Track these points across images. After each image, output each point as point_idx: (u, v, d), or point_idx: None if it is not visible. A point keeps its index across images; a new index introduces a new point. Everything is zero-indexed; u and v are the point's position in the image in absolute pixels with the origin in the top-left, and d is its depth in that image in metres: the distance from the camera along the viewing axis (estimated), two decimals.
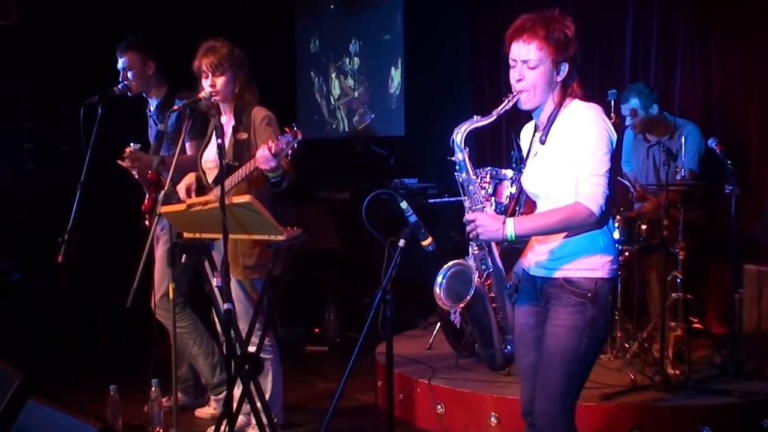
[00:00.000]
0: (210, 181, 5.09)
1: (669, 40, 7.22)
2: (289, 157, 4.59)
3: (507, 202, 5.93)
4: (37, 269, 8.10)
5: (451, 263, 3.81)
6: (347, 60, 10.07)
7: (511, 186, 5.93)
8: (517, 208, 5.80)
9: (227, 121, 5.10)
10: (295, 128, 4.47)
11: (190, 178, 5.08)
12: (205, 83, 4.97)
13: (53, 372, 5.38)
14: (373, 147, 9.12)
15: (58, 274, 5.01)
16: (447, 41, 8.96)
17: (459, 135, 3.59)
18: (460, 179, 3.66)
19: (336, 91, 10.25)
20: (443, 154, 4.05)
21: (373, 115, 9.77)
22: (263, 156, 4.49)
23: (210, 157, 5.09)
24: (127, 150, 5.45)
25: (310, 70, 10.59)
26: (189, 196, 4.96)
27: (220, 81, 4.97)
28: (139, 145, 5.51)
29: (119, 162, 5.50)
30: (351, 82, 10.05)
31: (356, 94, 10.00)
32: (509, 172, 5.98)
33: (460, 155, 3.63)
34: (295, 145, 4.47)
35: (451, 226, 7.67)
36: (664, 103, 6.59)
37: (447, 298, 3.77)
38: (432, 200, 8.27)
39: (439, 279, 3.79)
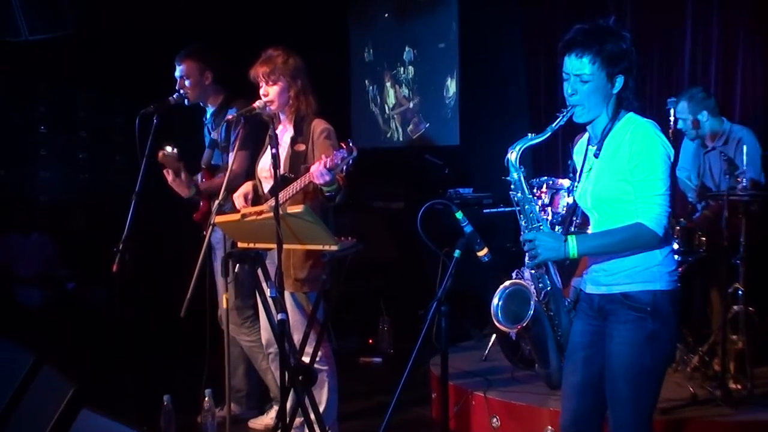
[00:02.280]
0: (266, 190, 5.12)
1: (729, 47, 7.14)
2: (344, 173, 4.60)
3: (564, 212, 5.91)
4: (91, 278, 8.20)
5: (507, 283, 3.79)
6: (401, 69, 10.08)
7: (568, 196, 5.91)
8: (574, 219, 5.77)
9: (284, 131, 5.13)
10: (351, 144, 4.48)
11: (246, 187, 5.13)
12: (261, 92, 5.03)
13: (107, 381, 5.43)
14: (428, 156, 9.10)
15: (112, 284, 5.05)
16: (503, 49, 8.94)
17: (514, 154, 3.59)
18: (516, 198, 3.65)
19: (391, 100, 10.25)
20: (499, 163, 4.04)
21: (427, 125, 9.77)
22: (318, 171, 4.52)
23: (265, 166, 5.12)
24: (160, 153, 5.48)
25: (364, 78, 10.61)
26: (245, 204, 5.00)
27: (273, 90, 5.02)
28: (175, 149, 5.53)
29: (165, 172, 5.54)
30: (406, 91, 10.05)
31: (410, 103, 10.00)
32: (566, 182, 5.96)
33: (516, 174, 3.63)
34: (351, 161, 4.48)
35: (506, 237, 7.62)
36: (724, 111, 6.50)
37: (504, 319, 3.75)
38: (487, 210, 8.23)
39: (496, 301, 3.77)
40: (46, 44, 7.09)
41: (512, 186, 3.65)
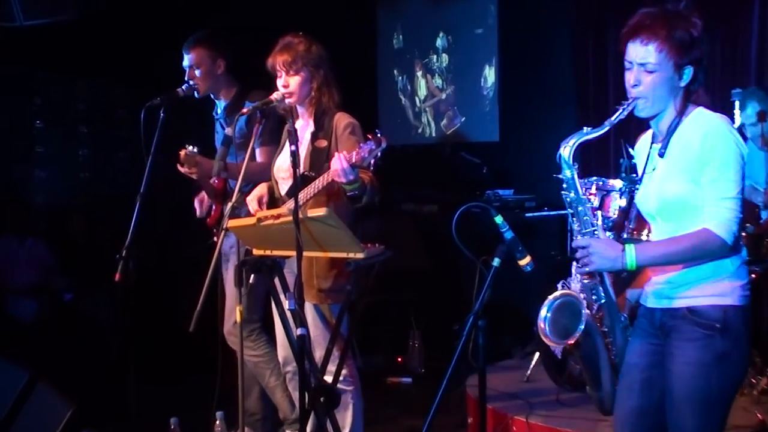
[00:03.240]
0: (283, 192, 5.10)
1: None
2: (372, 167, 4.57)
3: (615, 216, 5.88)
4: (91, 288, 8.23)
5: (557, 294, 3.77)
6: (434, 57, 10.07)
7: (620, 198, 5.88)
8: (627, 224, 5.75)
9: (304, 126, 5.13)
10: (379, 135, 4.44)
11: (261, 189, 5.11)
12: (279, 83, 5.00)
13: (108, 402, 5.45)
14: (464, 154, 9.10)
15: (114, 294, 5.06)
16: (547, 35, 8.91)
17: (567, 150, 3.56)
18: (568, 199, 3.62)
19: (422, 91, 10.25)
20: (542, 161, 4.06)
21: (463, 119, 9.75)
22: (340, 168, 4.47)
23: (283, 165, 5.10)
24: (182, 152, 5.44)
25: (393, 68, 10.60)
26: (260, 208, 4.99)
27: (294, 81, 4.99)
28: (196, 148, 5.48)
29: (179, 168, 5.52)
30: (439, 82, 10.04)
31: (444, 95, 9.99)
32: (618, 183, 5.93)
33: (569, 172, 3.59)
34: (379, 154, 4.45)
35: (551, 244, 7.63)
36: None
37: (553, 334, 3.73)
38: (530, 214, 8.22)
39: (544, 312, 3.74)
40: (43, 30, 7.14)
41: (564, 185, 3.62)
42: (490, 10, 9.33)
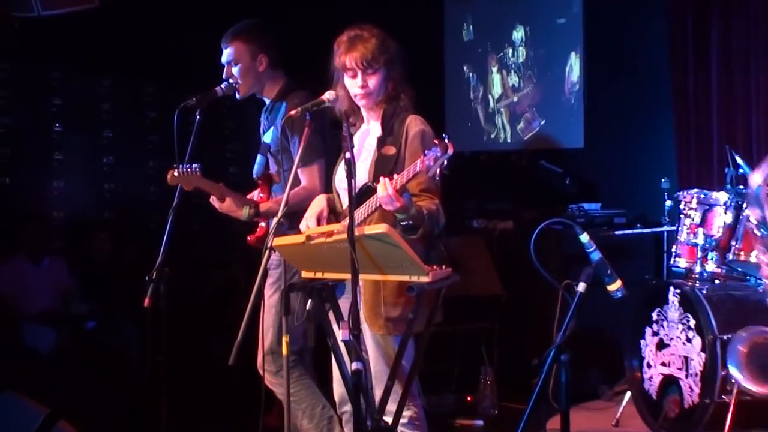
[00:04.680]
0: (345, 206, 4.98)
1: None
2: (438, 178, 4.51)
3: (719, 234, 5.82)
4: (117, 315, 8.29)
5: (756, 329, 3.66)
6: (510, 51, 10.06)
7: (725, 213, 5.83)
8: (733, 243, 5.70)
9: (367, 130, 5.05)
10: (446, 140, 4.38)
11: (320, 203, 5.01)
12: (351, 83, 4.88)
13: None
14: (544, 162, 9.09)
15: (143, 322, 5.10)
16: (639, 24, 8.87)
17: None
18: None
19: (496, 90, 10.24)
20: (634, 171, 4.03)
21: (543, 122, 9.73)
22: (383, 196, 4.39)
23: (345, 175, 5.01)
24: (169, 175, 5.28)
25: (462, 63, 10.60)
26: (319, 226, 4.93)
27: (373, 80, 4.88)
28: (196, 166, 5.31)
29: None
30: (515, 80, 10.03)
31: (517, 97, 9.96)
32: (722, 196, 5.88)
33: None
34: (445, 162, 4.37)
35: (644, 266, 7.58)
36: None
37: (749, 375, 3.63)
38: (620, 232, 8.18)
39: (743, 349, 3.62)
40: (64, 22, 7.21)
41: None
42: None
